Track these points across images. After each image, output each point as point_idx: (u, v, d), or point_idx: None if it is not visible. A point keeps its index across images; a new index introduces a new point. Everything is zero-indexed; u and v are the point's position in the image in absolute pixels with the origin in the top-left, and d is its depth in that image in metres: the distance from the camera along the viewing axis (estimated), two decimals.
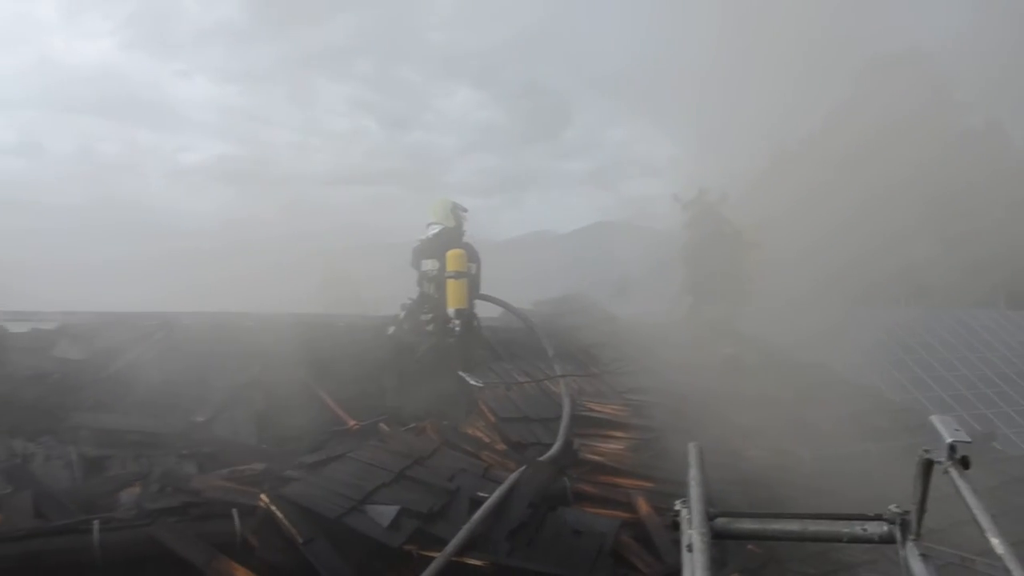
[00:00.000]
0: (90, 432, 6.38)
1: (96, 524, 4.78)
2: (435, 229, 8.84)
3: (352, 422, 7.16)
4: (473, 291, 8.61)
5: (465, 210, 8.98)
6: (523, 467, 6.29)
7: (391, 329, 8.96)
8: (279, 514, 5.03)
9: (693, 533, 2.67)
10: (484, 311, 9.24)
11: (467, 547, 5.07)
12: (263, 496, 5.19)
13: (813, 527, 2.87)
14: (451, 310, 8.24)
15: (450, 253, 8.36)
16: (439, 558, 4.89)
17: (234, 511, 5.08)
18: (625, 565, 5.53)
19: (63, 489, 5.45)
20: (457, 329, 8.30)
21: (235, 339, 8.40)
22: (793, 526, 2.90)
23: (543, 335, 9.16)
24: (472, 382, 8.01)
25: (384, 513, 5.17)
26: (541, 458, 6.69)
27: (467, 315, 8.41)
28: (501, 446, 7.07)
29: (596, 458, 6.96)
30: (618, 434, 7.49)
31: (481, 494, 5.75)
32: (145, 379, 7.34)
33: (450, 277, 8.31)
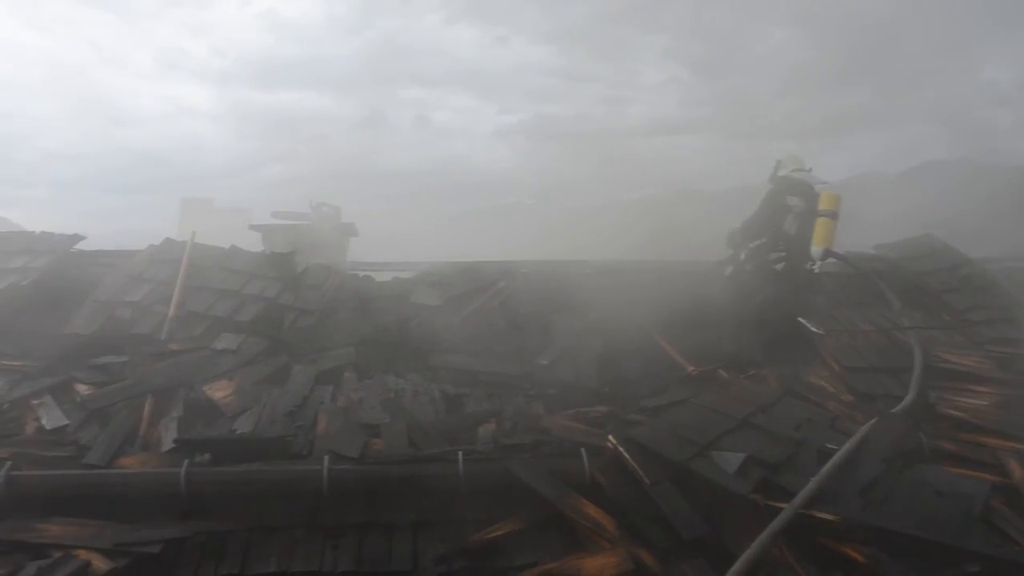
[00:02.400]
0: (448, 372, 7.06)
1: (460, 455, 5.33)
2: (793, 171, 8.64)
3: (690, 367, 7.24)
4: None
5: (809, 169, 8.70)
6: (874, 419, 6.02)
7: (729, 269, 8.89)
8: (626, 455, 5.26)
9: None
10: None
11: (816, 500, 4.98)
12: (610, 437, 5.46)
13: None
14: (816, 249, 7.98)
15: (827, 192, 8.13)
16: (787, 509, 4.86)
17: (582, 450, 5.40)
18: (997, 534, 5.11)
19: (429, 422, 6.10)
20: (816, 270, 8.05)
21: (573, 286, 8.80)
22: None
23: (884, 284, 8.60)
24: (813, 329, 7.74)
25: (730, 460, 5.22)
26: (893, 410, 6.35)
27: (825, 256, 8.13)
28: (848, 397, 6.81)
29: (956, 413, 6.44)
30: (981, 389, 6.87)
31: (830, 446, 5.60)
32: (493, 324, 7.95)
33: (823, 215, 8.06)
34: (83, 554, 4.70)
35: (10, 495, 5.10)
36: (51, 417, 5.99)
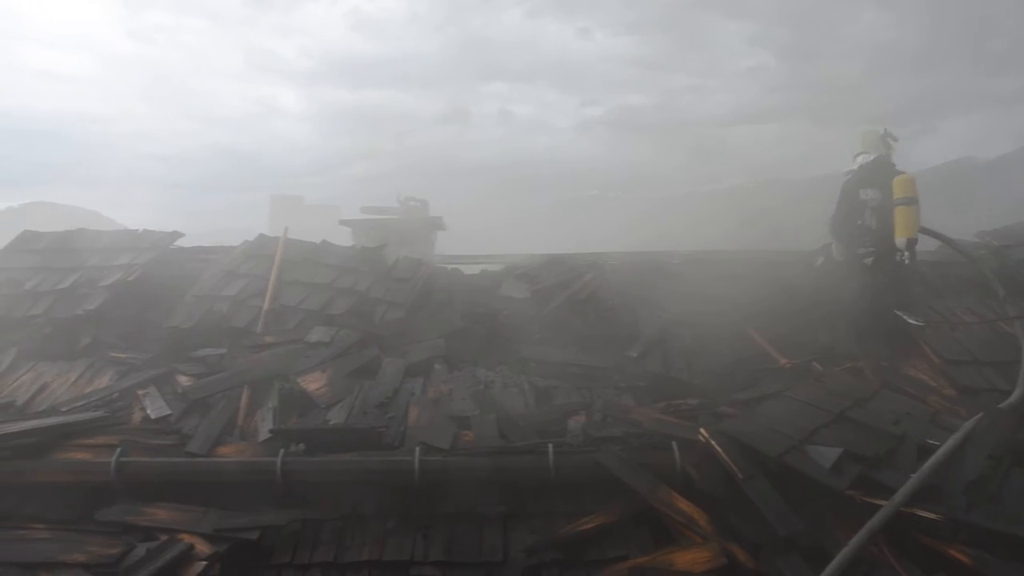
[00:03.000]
0: (537, 364, 7.08)
1: (550, 447, 5.34)
2: (865, 158, 8.32)
3: (783, 360, 7.10)
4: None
5: (896, 139, 8.33)
6: (979, 415, 5.79)
7: (819, 260, 8.66)
8: (718, 449, 5.19)
9: None
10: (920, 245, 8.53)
11: (917, 497, 4.84)
12: (702, 430, 5.39)
13: None
14: (900, 240, 7.69)
15: (898, 178, 7.79)
16: (887, 507, 4.74)
17: (673, 443, 5.35)
18: None
19: (519, 414, 6.13)
20: (906, 261, 7.74)
21: (661, 277, 8.72)
22: None
23: (990, 271, 8.23)
24: (911, 321, 7.48)
25: (826, 454, 5.10)
26: (1000, 405, 6.11)
27: (910, 246, 7.81)
28: (949, 391, 6.57)
29: None
30: None
31: (931, 441, 5.42)
32: (581, 316, 7.94)
33: (899, 204, 7.76)
34: (187, 538, 4.89)
35: (120, 480, 5.35)
36: (155, 407, 6.23)
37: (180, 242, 9.23)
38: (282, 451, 5.41)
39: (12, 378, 6.94)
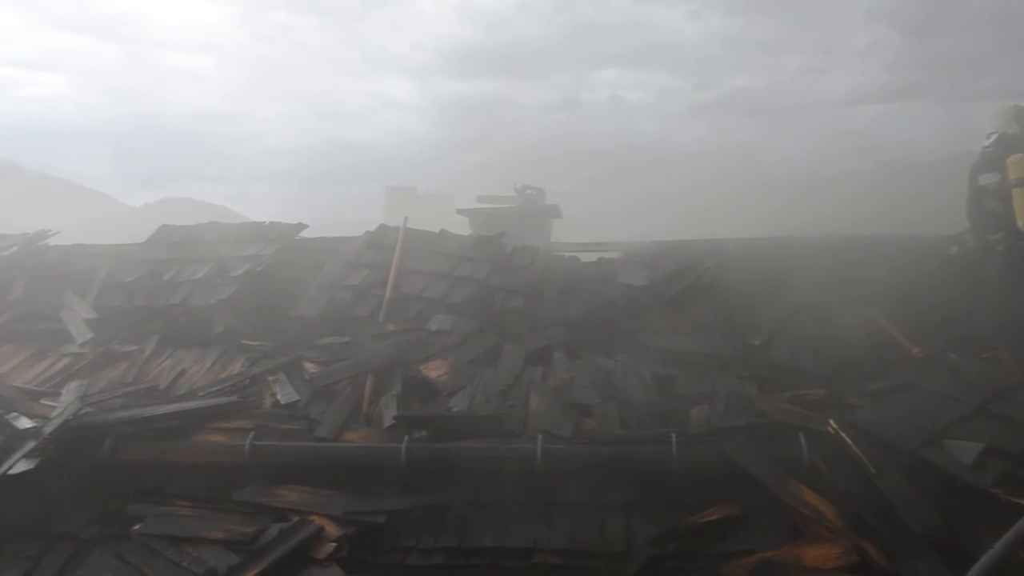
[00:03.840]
0: (657, 352, 7.02)
1: (673, 437, 5.30)
2: (993, 138, 7.90)
3: (916, 349, 6.83)
4: None
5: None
6: None
7: (954, 249, 8.28)
8: (848, 441, 5.05)
9: None
10: None
11: None
12: (831, 422, 5.25)
13: None
14: (1021, 223, 7.29)
15: (1012, 158, 7.38)
16: None
17: (800, 435, 5.23)
18: None
19: (641, 402, 6.09)
20: None
21: (783, 264, 8.49)
22: None
23: None
24: None
25: (966, 450, 4.89)
26: None
27: None
28: None
29: None
30: None
31: None
32: (702, 303, 7.82)
33: (1015, 185, 7.35)
34: (316, 519, 5.09)
35: (254, 462, 5.60)
36: (284, 393, 6.47)
37: (304, 233, 9.54)
38: (406, 438, 5.55)
39: (155, 363, 7.32)
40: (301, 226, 9.43)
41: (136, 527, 5.34)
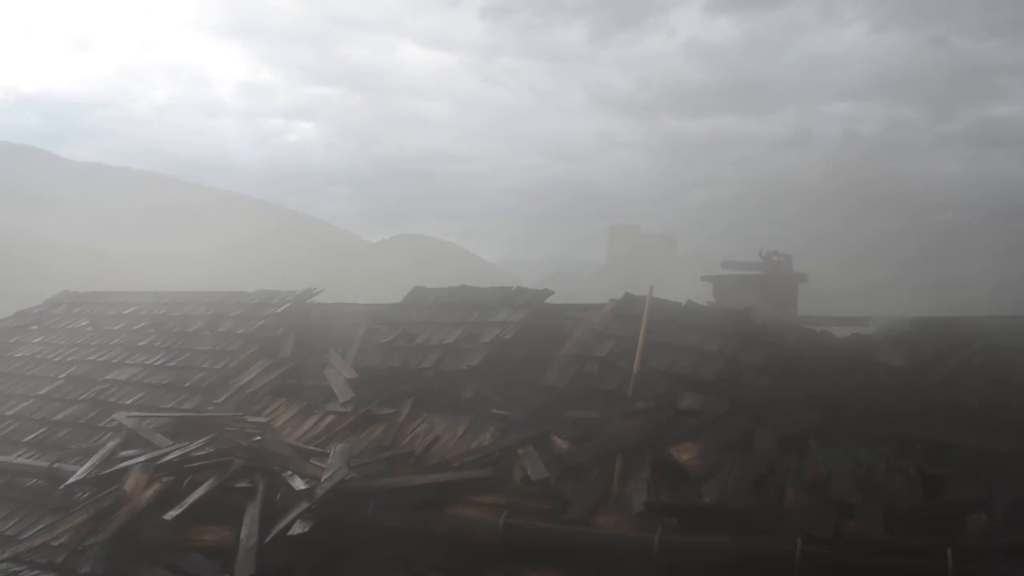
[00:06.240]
0: (923, 445, 6.62)
1: (949, 552, 4.97)
2: None
3: None
4: None
5: None
6: None
7: None
8: None
9: None
10: None
11: None
12: None
13: None
14: None
15: None
16: None
17: None
18: None
19: (908, 506, 5.76)
20: None
21: None
22: None
23: None
24: None
25: None
26: None
27: None
28: None
29: None
30: None
31: None
32: (971, 390, 7.30)
33: None
34: None
35: (506, 541, 5.83)
36: (535, 468, 6.68)
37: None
38: (659, 528, 5.57)
39: (409, 427, 7.80)
40: (547, 292, 9.73)
41: None
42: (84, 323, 11.89)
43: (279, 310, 10.71)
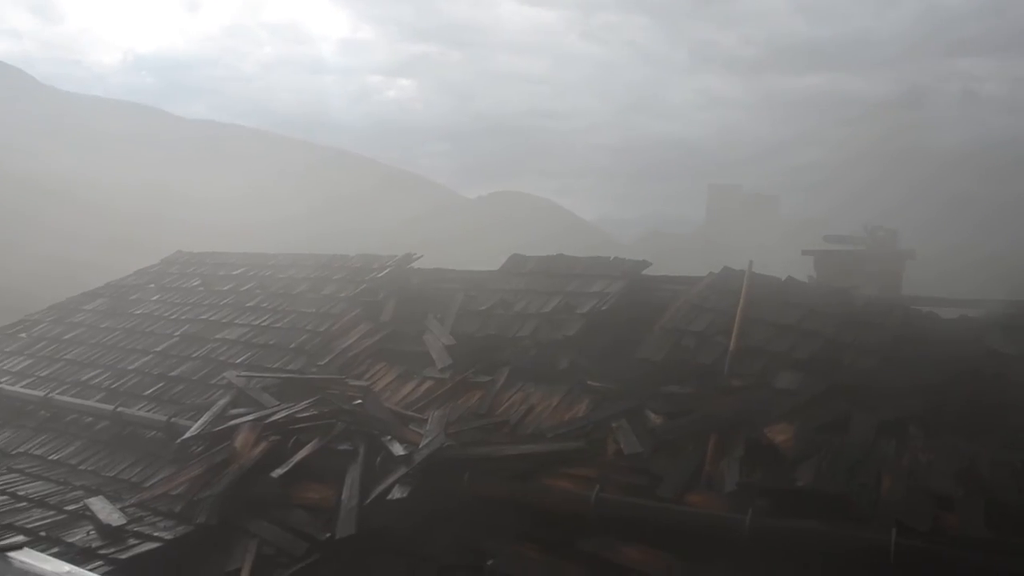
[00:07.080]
0: None
1: None
2: None
3: None
4: None
5: None
6: None
7: None
8: None
9: None
10: None
11: None
12: None
13: None
14: None
15: None
16: None
17: None
18: None
19: (1012, 502, 5.60)
20: None
21: None
22: None
23: None
24: None
25: None
26: None
27: None
28: None
29: None
30: None
31: None
32: None
33: None
34: None
35: (597, 514, 5.92)
36: (628, 442, 6.74)
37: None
38: (751, 510, 5.57)
39: (505, 396, 7.93)
40: (644, 263, 9.72)
41: (489, 562, 5.88)
42: (196, 283, 12.43)
43: (380, 275, 10.98)
